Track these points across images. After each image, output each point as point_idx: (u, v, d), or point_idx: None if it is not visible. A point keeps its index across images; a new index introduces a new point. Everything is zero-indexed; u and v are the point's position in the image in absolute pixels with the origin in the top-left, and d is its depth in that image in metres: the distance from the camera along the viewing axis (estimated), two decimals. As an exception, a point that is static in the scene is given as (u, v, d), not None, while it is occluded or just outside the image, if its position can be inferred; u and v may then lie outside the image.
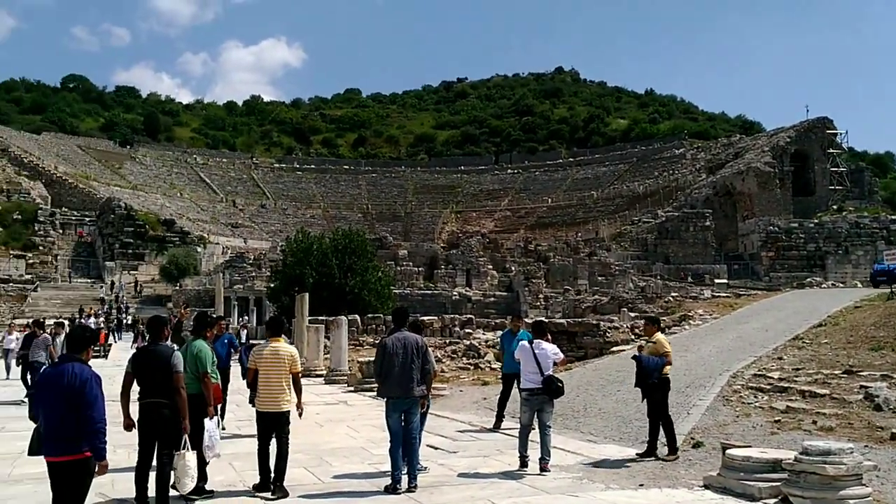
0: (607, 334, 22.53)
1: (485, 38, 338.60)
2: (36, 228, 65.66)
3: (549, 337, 10.22)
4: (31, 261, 62.13)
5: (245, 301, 51.99)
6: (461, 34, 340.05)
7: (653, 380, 9.68)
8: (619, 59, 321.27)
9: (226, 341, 12.32)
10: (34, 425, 5.88)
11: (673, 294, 42.31)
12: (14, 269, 60.20)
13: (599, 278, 55.30)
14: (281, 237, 78.08)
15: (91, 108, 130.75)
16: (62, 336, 17.21)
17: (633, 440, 10.67)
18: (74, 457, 5.38)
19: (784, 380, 13.59)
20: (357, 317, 32.36)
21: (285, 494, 7.82)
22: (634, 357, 10.03)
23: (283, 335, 8.60)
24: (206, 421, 7.67)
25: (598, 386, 15.03)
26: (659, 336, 10.38)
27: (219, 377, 8.24)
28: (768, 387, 13.21)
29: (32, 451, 5.70)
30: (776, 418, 11.21)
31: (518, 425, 9.82)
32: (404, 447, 8.16)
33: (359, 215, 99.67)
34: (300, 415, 8.35)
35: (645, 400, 9.93)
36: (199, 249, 67.60)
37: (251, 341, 22.16)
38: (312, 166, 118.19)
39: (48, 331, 18.89)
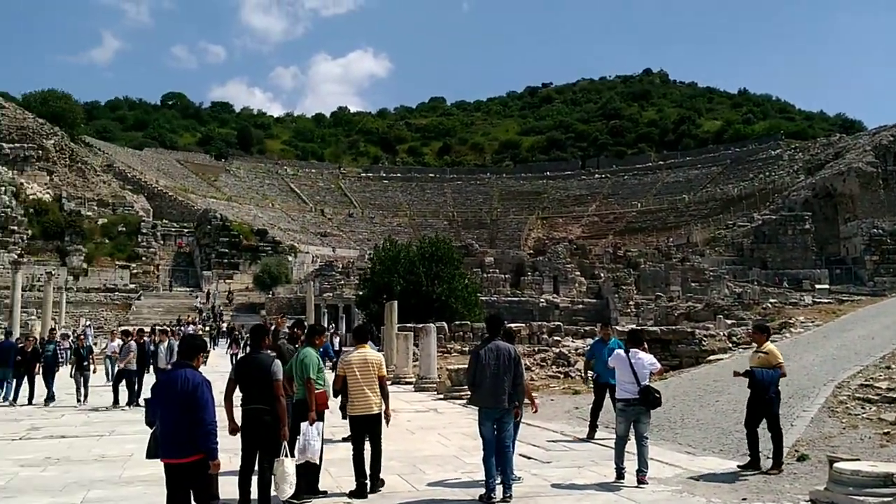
0: (703, 342, 21.85)
1: (570, 42, 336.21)
2: (139, 240, 68.76)
3: (646, 346, 9.97)
4: (134, 271, 65.11)
5: (334, 309, 52.99)
6: (545, 39, 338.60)
7: (770, 395, 9.34)
8: (711, 58, 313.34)
9: (321, 349, 12.54)
10: (147, 429, 6.13)
11: (771, 300, 40.88)
12: (119, 279, 63.28)
13: (693, 284, 53.89)
14: (368, 245, 79.31)
15: (189, 123, 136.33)
16: (165, 344, 17.82)
17: (733, 452, 10.32)
18: (190, 458, 5.64)
19: (893, 390, 12.92)
20: (444, 324, 32.47)
21: (382, 483, 8.34)
22: (747, 373, 9.62)
23: (369, 342, 8.78)
24: (303, 424, 7.84)
25: (695, 396, 14.61)
26: (770, 346, 9.96)
27: (326, 383, 8.39)
28: (876, 397, 12.59)
29: (150, 455, 5.97)
30: (885, 430, 10.66)
31: (612, 436, 9.63)
32: (498, 456, 8.12)
33: (444, 223, 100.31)
34: (387, 422, 8.47)
35: (746, 411, 9.60)
36: (290, 258, 69.40)
37: (344, 349, 22.55)
38: (398, 175, 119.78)
39: (153, 339, 19.65)
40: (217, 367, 23.61)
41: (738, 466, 9.36)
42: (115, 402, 17.29)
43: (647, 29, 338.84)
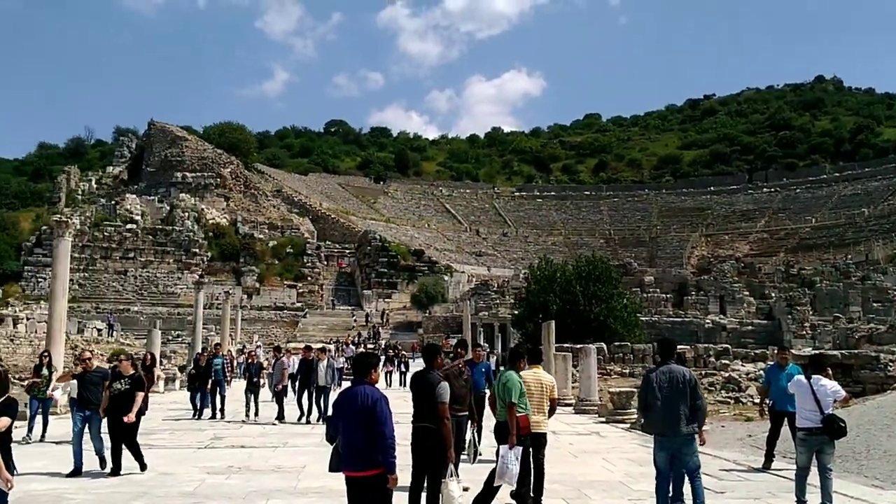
0: (888, 367, 20.09)
1: (732, 51, 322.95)
2: (305, 260, 72.48)
3: (830, 372, 9.28)
4: (301, 290, 68.63)
5: (490, 328, 53.23)
6: (706, 49, 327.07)
7: None
8: (889, 61, 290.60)
9: (483, 370, 12.58)
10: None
11: (967, 322, 37.01)
12: (287, 298, 66.92)
13: (874, 305, 49.89)
14: (523, 265, 79.25)
15: (349, 148, 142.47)
16: (324, 362, 17.96)
17: (927, 488, 9.41)
18: (371, 472, 5.83)
19: None
20: (603, 345, 31.85)
21: None
22: None
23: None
24: (502, 448, 7.93)
25: (881, 425, 13.44)
26: None
27: (528, 408, 8.42)
28: None
29: (333, 468, 6.18)
30: None
31: (790, 466, 9.04)
32: (673, 486, 7.79)
33: (601, 241, 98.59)
34: None
35: None
36: (446, 278, 70.55)
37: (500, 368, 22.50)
38: (552, 193, 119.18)
39: (315, 356, 19.95)
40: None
41: None
42: (279, 416, 17.87)
43: (817, 34, 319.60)
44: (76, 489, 9.66)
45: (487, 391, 12.04)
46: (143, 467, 10.79)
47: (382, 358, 37.07)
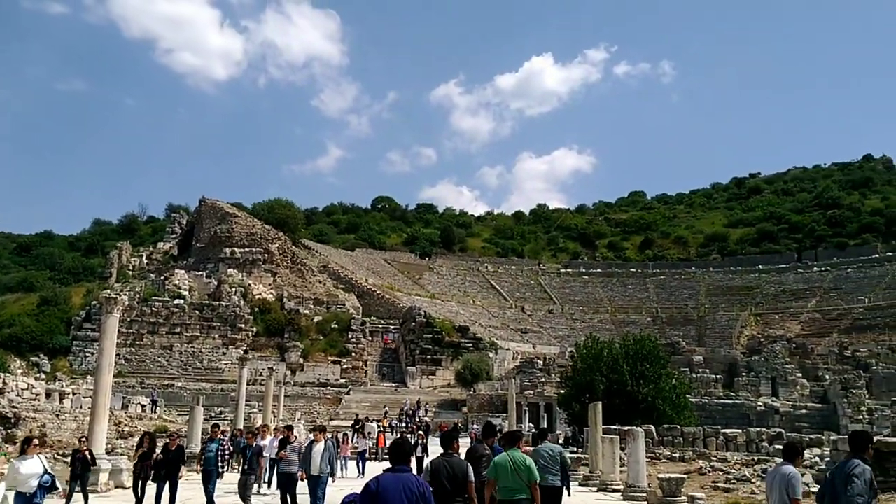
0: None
1: (777, 130, 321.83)
2: (349, 336, 72.48)
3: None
4: (345, 366, 68.47)
5: (535, 407, 52.24)
6: (751, 128, 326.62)
7: None
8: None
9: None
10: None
11: None
12: (331, 374, 66.79)
13: (936, 389, 47.77)
14: (569, 342, 78.20)
15: (396, 224, 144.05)
16: (321, 445, 14.85)
17: None
18: None
19: None
20: (652, 427, 30.99)
21: None
22: None
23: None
24: None
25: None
26: None
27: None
28: None
29: None
30: None
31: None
32: None
33: (648, 319, 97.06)
34: None
35: None
36: (490, 355, 69.83)
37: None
38: (598, 270, 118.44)
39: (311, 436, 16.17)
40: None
41: None
42: None
43: (865, 113, 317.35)
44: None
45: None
46: None
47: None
